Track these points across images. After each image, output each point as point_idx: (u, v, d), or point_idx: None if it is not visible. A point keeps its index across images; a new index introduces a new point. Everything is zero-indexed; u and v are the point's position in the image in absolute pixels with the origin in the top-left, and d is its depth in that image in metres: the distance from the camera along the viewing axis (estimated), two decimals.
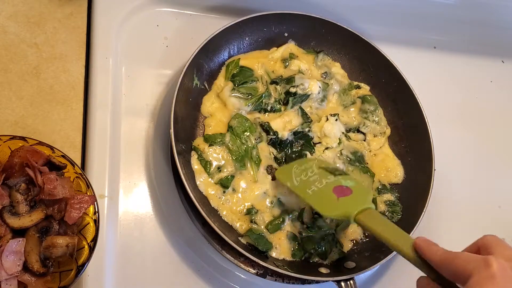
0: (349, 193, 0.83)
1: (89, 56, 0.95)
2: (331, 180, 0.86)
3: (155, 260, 0.87)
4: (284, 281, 0.89)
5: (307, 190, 0.86)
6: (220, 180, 0.90)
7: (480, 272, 0.55)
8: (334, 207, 0.82)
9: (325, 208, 0.83)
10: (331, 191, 0.84)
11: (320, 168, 0.89)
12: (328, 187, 0.85)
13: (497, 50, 1.29)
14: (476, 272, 0.55)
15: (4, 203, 0.71)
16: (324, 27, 1.05)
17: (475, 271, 0.55)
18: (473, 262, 0.56)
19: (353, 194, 0.82)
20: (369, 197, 0.81)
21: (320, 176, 0.87)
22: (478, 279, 0.54)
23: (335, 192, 0.83)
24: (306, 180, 0.88)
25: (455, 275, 0.58)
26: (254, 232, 0.87)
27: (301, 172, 0.89)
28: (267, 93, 0.98)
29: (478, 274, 0.55)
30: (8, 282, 0.68)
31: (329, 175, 0.87)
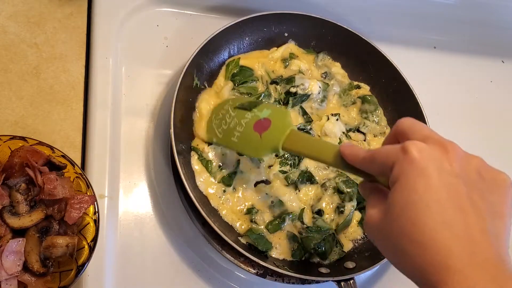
0: (268, 125, 0.81)
1: (89, 56, 0.95)
2: (249, 118, 0.84)
3: (155, 260, 0.87)
4: (284, 281, 0.89)
5: (232, 139, 0.85)
6: (222, 179, 0.90)
7: (400, 160, 0.55)
8: (260, 146, 0.81)
9: (254, 151, 0.83)
10: (252, 130, 0.83)
11: (235, 108, 0.88)
12: (248, 127, 0.83)
13: (497, 50, 1.30)
14: (396, 161, 0.55)
15: (4, 203, 0.71)
16: (324, 27, 1.05)
17: (395, 160, 0.55)
18: (392, 153, 0.56)
19: (272, 125, 0.81)
20: (287, 119, 0.80)
21: (238, 118, 0.86)
22: (399, 168, 0.54)
23: (256, 130, 0.82)
24: (227, 129, 0.86)
25: (380, 170, 0.59)
26: (254, 232, 0.87)
27: (220, 122, 0.88)
28: (267, 93, 0.98)
29: (398, 163, 0.55)
30: (8, 282, 0.68)
31: (246, 113, 0.86)
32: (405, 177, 0.54)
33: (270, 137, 0.80)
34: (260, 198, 0.91)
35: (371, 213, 0.59)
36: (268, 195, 0.91)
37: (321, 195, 0.94)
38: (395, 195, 0.54)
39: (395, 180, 0.55)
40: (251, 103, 0.88)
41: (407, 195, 0.53)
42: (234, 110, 0.88)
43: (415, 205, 0.52)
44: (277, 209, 0.91)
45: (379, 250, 0.60)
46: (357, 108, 1.05)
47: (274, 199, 0.91)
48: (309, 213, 0.93)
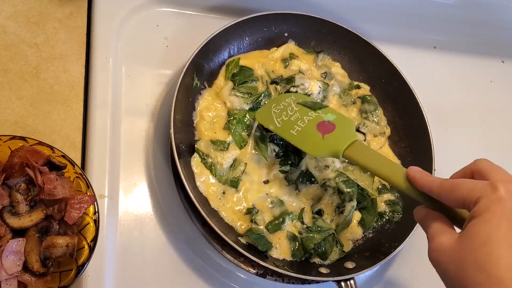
0: (332, 128, 0.81)
1: (89, 56, 0.95)
2: (313, 117, 0.85)
3: (155, 260, 0.87)
4: (284, 281, 0.89)
5: (291, 131, 0.84)
6: (230, 181, 0.90)
7: (487, 196, 0.56)
8: (321, 146, 0.81)
9: (313, 149, 0.82)
10: (315, 129, 0.82)
11: (298, 104, 0.88)
12: (311, 125, 0.83)
13: (497, 50, 1.30)
14: (483, 196, 0.56)
15: (4, 203, 0.71)
16: (324, 27, 1.05)
17: (483, 195, 0.56)
18: (478, 187, 0.58)
19: (337, 129, 0.81)
20: (352, 129, 0.80)
21: (300, 114, 0.86)
22: (486, 203, 0.56)
23: (319, 130, 0.82)
24: (287, 120, 0.86)
25: (460, 201, 0.59)
26: (254, 232, 0.87)
27: (281, 112, 0.88)
28: (267, 93, 0.98)
29: (486, 198, 0.56)
30: (8, 282, 0.68)
31: (309, 111, 0.86)
32: (490, 213, 0.55)
33: (333, 141, 0.80)
34: (261, 198, 0.91)
35: (442, 240, 0.60)
36: (268, 195, 0.91)
37: (321, 195, 0.94)
38: (476, 228, 0.56)
39: (477, 214, 0.56)
40: (315, 103, 0.88)
41: (490, 231, 0.54)
42: (297, 105, 0.87)
43: (498, 242, 0.53)
44: (277, 209, 0.91)
45: (439, 275, 0.60)
46: (357, 108, 1.05)
47: (274, 199, 0.91)
48: (309, 213, 0.93)
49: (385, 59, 1.05)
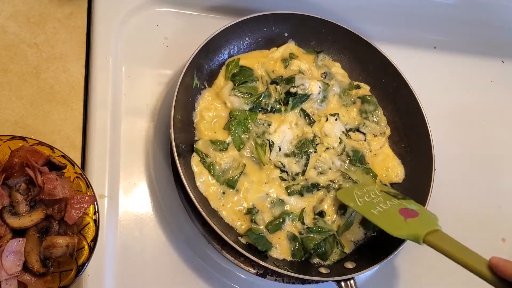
0: (416, 215, 0.83)
1: (89, 56, 0.95)
2: (396, 203, 0.87)
3: (155, 260, 0.87)
4: (284, 281, 0.89)
5: (372, 211, 0.86)
6: (228, 181, 0.90)
7: None
8: (402, 227, 0.82)
9: (393, 228, 0.82)
10: (398, 213, 0.84)
11: (382, 191, 0.91)
12: (394, 209, 0.85)
13: (497, 50, 1.30)
14: None
15: (4, 203, 0.71)
16: (324, 27, 1.05)
17: None
18: None
19: (420, 217, 0.83)
20: (436, 221, 0.81)
21: (383, 199, 0.88)
22: None
23: (401, 214, 0.83)
24: (369, 202, 0.88)
25: None
26: (254, 232, 0.87)
27: (363, 194, 0.90)
28: (267, 93, 0.98)
29: None
30: (8, 282, 0.68)
31: (392, 199, 0.88)
32: None
33: (416, 225, 0.81)
34: (260, 198, 0.91)
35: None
36: (268, 195, 0.91)
37: (323, 196, 0.94)
38: None
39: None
40: (398, 194, 0.91)
41: None
42: (381, 192, 0.90)
43: None
44: (277, 209, 0.91)
45: None
46: (357, 108, 1.05)
47: (274, 199, 0.91)
48: (309, 214, 0.93)
49: (385, 59, 1.05)
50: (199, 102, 0.95)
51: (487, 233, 1.09)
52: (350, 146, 1.00)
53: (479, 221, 1.09)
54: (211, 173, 0.90)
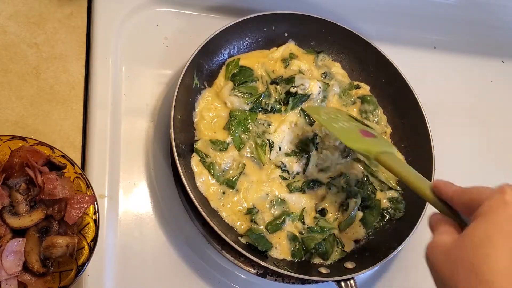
0: (373, 136, 0.87)
1: (89, 56, 0.95)
2: (358, 124, 0.92)
3: (155, 260, 0.87)
4: (284, 281, 0.89)
5: (333, 124, 0.89)
6: (227, 181, 0.90)
7: (493, 199, 0.54)
8: (358, 141, 0.85)
9: (350, 141, 0.86)
10: (357, 130, 0.88)
11: (348, 115, 0.95)
12: (355, 127, 0.90)
13: (497, 50, 1.29)
14: (490, 198, 0.55)
15: (4, 203, 0.71)
16: (324, 27, 1.05)
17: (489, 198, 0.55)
18: (487, 191, 0.57)
19: (377, 138, 0.86)
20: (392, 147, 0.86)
21: (347, 120, 0.92)
22: (490, 204, 0.54)
23: (360, 132, 0.88)
24: (334, 118, 0.92)
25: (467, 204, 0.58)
26: (254, 232, 0.87)
27: (329, 112, 0.94)
28: (267, 93, 0.98)
29: (491, 199, 0.55)
30: (8, 282, 0.68)
31: (356, 122, 0.93)
32: (493, 214, 0.53)
33: (372, 142, 0.85)
34: (260, 198, 0.91)
35: (441, 238, 0.58)
36: (268, 195, 0.91)
37: (324, 194, 0.94)
38: (476, 227, 0.53)
39: (480, 214, 0.54)
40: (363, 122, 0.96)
41: (490, 231, 0.52)
42: (347, 116, 0.95)
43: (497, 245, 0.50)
44: (278, 209, 0.91)
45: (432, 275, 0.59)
46: (357, 108, 1.04)
47: (274, 198, 0.91)
48: (310, 213, 0.93)
49: (385, 59, 1.05)
50: (199, 102, 0.95)
51: None
52: None
53: None
54: (211, 173, 0.90)
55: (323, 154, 0.97)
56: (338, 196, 0.94)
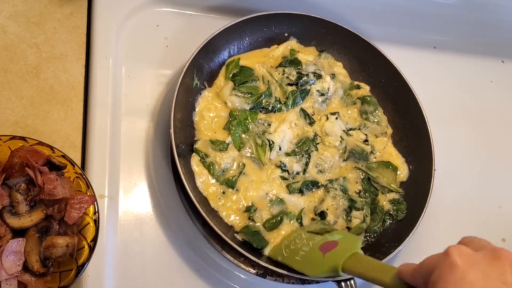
0: (334, 245, 0.81)
1: (89, 56, 0.95)
2: (318, 240, 0.84)
3: (155, 260, 0.87)
4: (284, 281, 0.89)
5: (296, 257, 0.84)
6: (227, 181, 0.90)
7: (440, 264, 0.52)
8: (321, 265, 0.79)
9: (313, 270, 0.81)
10: (318, 250, 0.82)
11: (308, 232, 0.88)
12: (315, 248, 0.83)
13: (497, 50, 1.29)
14: (437, 265, 0.52)
15: (4, 203, 0.71)
16: (324, 27, 1.05)
17: (437, 264, 0.52)
18: (435, 258, 0.54)
19: (339, 246, 0.80)
20: (357, 243, 0.79)
21: (307, 240, 0.86)
22: (439, 272, 0.51)
23: (321, 250, 0.81)
24: (294, 249, 0.86)
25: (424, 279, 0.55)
26: (250, 229, 0.87)
27: (290, 243, 0.88)
28: (267, 92, 0.98)
29: (439, 267, 0.52)
30: (8, 282, 0.68)
31: (317, 236, 0.86)
32: (443, 282, 0.50)
33: (333, 258, 0.78)
34: (260, 197, 0.91)
35: None
36: (268, 195, 0.91)
37: (323, 196, 0.94)
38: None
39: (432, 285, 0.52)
40: (324, 228, 0.88)
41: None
42: (306, 233, 0.88)
43: None
44: (277, 208, 0.91)
45: None
46: (357, 109, 1.04)
47: (274, 197, 0.91)
48: (309, 215, 0.93)
49: (385, 59, 1.05)
50: (199, 102, 0.95)
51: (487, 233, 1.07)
52: (352, 145, 1.00)
53: (479, 221, 1.09)
54: (211, 173, 0.90)
55: (324, 155, 0.97)
56: (339, 201, 0.94)
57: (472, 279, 0.48)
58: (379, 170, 0.98)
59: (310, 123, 0.99)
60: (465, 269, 0.49)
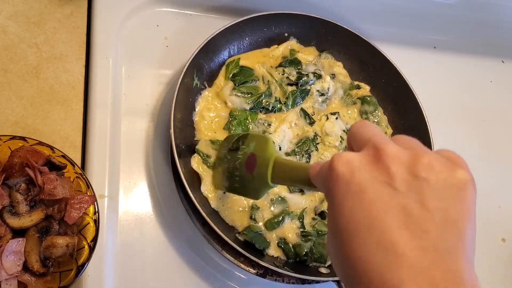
0: (254, 159, 0.76)
1: (89, 56, 0.95)
2: (241, 158, 0.80)
3: (155, 260, 0.87)
4: (284, 281, 0.89)
5: (236, 185, 0.81)
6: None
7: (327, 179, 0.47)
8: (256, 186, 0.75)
9: (253, 193, 0.78)
10: (246, 172, 0.78)
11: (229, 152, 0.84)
12: (242, 169, 0.79)
13: (497, 50, 1.30)
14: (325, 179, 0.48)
15: (4, 203, 0.71)
16: (324, 27, 1.05)
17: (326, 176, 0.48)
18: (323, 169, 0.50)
19: (258, 159, 0.75)
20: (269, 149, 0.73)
21: (233, 161, 0.82)
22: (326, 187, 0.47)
23: (248, 170, 0.77)
24: (229, 176, 0.83)
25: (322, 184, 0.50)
26: (252, 229, 0.87)
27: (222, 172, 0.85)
28: (268, 92, 0.98)
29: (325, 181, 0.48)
30: (8, 282, 0.68)
31: (237, 154, 0.81)
32: (331, 198, 0.46)
33: (260, 174, 0.74)
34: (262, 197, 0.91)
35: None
36: (269, 194, 0.91)
37: (323, 196, 0.94)
38: (328, 218, 0.48)
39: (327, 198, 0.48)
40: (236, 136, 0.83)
41: (334, 220, 0.46)
42: (229, 153, 0.84)
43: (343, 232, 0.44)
44: (278, 207, 0.91)
45: None
46: (357, 109, 1.05)
47: (275, 196, 0.91)
48: (311, 215, 0.93)
49: (385, 59, 1.05)
50: (199, 102, 0.95)
51: (487, 233, 1.09)
52: None
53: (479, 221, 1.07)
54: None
55: (324, 155, 0.97)
56: None
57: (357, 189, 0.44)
58: None
59: (310, 123, 0.99)
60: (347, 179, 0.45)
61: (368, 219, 0.43)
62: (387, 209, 0.43)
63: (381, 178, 0.44)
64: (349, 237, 0.44)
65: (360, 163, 0.45)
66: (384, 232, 0.42)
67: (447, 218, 0.43)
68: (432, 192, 0.43)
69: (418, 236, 0.42)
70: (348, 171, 0.45)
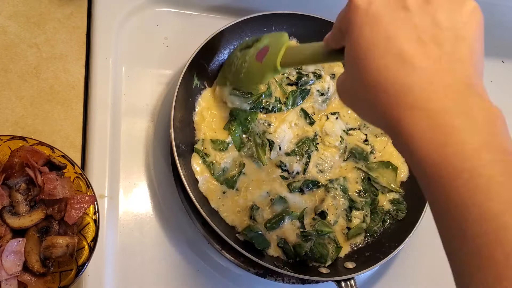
0: (267, 50, 0.83)
1: (89, 56, 0.95)
2: (252, 52, 0.87)
3: (155, 260, 0.87)
4: (284, 281, 0.89)
5: (240, 76, 0.88)
6: (226, 181, 0.90)
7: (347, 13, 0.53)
8: (261, 71, 0.83)
9: (257, 79, 0.85)
10: (255, 61, 0.85)
11: (242, 50, 0.92)
12: (252, 60, 0.86)
13: (497, 50, 1.29)
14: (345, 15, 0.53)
15: (4, 203, 0.71)
16: (324, 27, 1.05)
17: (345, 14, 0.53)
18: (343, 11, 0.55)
19: (270, 48, 0.83)
20: (283, 38, 0.80)
21: (243, 57, 0.89)
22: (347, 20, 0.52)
23: (258, 59, 0.84)
24: (235, 70, 0.90)
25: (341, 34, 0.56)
26: (252, 230, 0.87)
27: (230, 67, 0.92)
28: (267, 92, 0.98)
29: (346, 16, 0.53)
30: (8, 282, 0.68)
31: (250, 50, 0.89)
32: (351, 27, 0.51)
33: (269, 60, 0.81)
34: (261, 197, 0.91)
35: (339, 77, 0.57)
36: (269, 194, 0.91)
37: (324, 196, 0.94)
38: (347, 50, 0.53)
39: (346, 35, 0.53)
40: (252, 39, 0.91)
41: (355, 44, 0.51)
42: (241, 51, 0.91)
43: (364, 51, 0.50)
44: (278, 207, 0.91)
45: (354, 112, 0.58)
46: None
47: (275, 196, 0.91)
48: (311, 215, 0.93)
49: None
50: (199, 102, 0.95)
51: None
52: (352, 145, 1.00)
53: None
54: (211, 173, 0.90)
55: (324, 155, 0.97)
56: (339, 201, 0.94)
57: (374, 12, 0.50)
58: (379, 170, 0.98)
59: (310, 123, 0.99)
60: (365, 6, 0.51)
61: (386, 37, 0.49)
62: (403, 26, 0.49)
63: (397, 4, 0.50)
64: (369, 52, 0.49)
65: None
66: (400, 45, 0.48)
67: (457, 35, 0.49)
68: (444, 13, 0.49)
69: (432, 48, 0.48)
70: (366, 1, 0.51)
